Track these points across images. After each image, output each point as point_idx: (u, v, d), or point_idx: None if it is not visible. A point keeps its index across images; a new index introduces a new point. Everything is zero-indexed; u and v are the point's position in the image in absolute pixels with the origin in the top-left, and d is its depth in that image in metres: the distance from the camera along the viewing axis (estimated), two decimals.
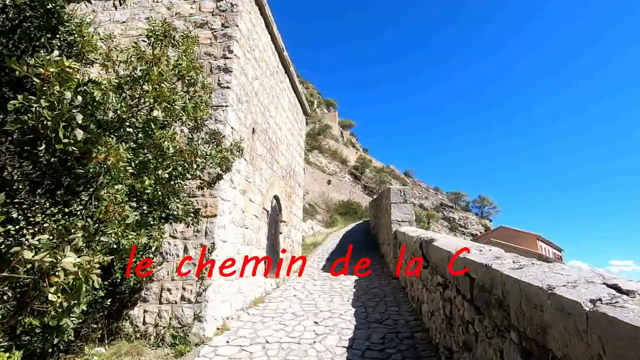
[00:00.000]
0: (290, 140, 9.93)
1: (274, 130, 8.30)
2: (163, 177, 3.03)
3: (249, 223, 6.45)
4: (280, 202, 8.59)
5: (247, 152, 6.44)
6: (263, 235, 7.25)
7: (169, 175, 3.11)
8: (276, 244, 8.16)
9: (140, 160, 2.92)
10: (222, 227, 5.29)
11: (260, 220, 7.11)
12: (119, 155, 2.06)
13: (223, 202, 5.38)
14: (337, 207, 31.12)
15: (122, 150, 2.07)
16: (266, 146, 7.63)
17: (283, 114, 9.18)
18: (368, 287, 7.77)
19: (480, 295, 2.74)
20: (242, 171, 6.15)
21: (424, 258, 5.26)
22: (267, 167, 7.62)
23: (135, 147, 2.94)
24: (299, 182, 10.83)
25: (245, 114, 6.45)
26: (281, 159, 8.84)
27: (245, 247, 6.23)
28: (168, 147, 2.94)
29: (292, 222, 9.68)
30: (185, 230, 5.16)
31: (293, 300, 6.82)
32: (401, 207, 8.87)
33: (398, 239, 8.22)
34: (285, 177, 9.14)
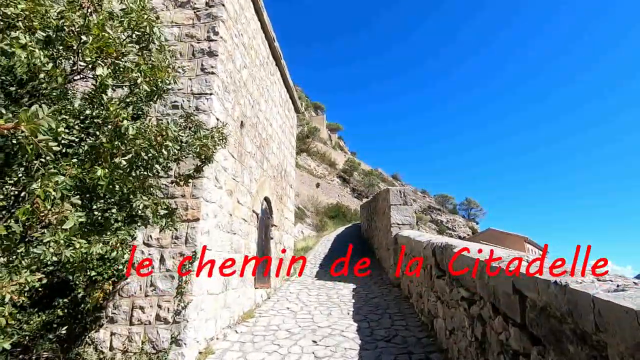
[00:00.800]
0: (282, 137, 9.23)
1: (264, 125, 7.59)
2: (122, 166, 2.30)
3: (237, 228, 5.72)
4: (271, 205, 7.87)
5: (234, 147, 5.72)
6: (253, 241, 6.52)
7: (129, 164, 2.38)
8: (267, 251, 7.43)
9: (91, 144, 2.20)
10: (205, 233, 4.55)
11: (250, 224, 6.38)
12: (35, 124, 1.34)
13: (207, 203, 4.64)
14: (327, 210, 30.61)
15: (43, 116, 1.35)
16: (256, 143, 6.91)
17: (274, 109, 8.48)
18: (368, 297, 7.11)
19: (542, 322, 2.11)
20: (228, 169, 5.43)
21: (437, 267, 4.63)
22: (257, 165, 6.90)
23: (82, 125, 2.23)
24: (290, 183, 10.13)
25: (233, 105, 5.73)
26: (272, 157, 8.13)
27: (233, 255, 5.49)
28: (127, 127, 2.22)
29: (283, 227, 8.96)
30: (162, 237, 4.40)
31: (287, 314, 6.10)
32: (401, 210, 8.26)
33: (399, 243, 7.60)
34: (276, 178, 8.43)
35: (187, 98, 5.00)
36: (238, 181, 5.83)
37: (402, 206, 8.29)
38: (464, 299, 3.53)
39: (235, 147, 5.74)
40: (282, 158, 9.21)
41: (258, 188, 6.90)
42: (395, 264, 7.97)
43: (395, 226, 8.17)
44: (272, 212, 7.93)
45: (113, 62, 2.45)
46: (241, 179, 5.98)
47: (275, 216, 8.08)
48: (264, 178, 7.33)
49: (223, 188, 5.19)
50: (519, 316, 2.37)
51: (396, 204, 8.31)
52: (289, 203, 9.85)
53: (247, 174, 6.32)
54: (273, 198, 8.00)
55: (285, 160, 9.60)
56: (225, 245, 5.18)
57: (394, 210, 8.26)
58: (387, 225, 8.84)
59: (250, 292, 6.26)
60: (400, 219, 8.19)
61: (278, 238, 8.34)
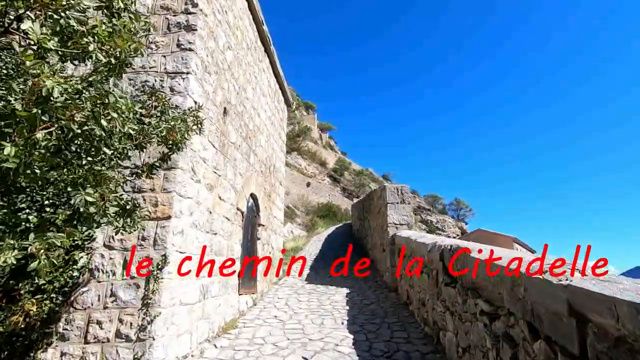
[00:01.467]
0: (271, 130, 8.58)
1: (251, 115, 6.94)
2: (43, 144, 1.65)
3: (219, 227, 5.06)
4: (258, 202, 7.22)
5: (216, 136, 5.06)
6: (237, 242, 5.87)
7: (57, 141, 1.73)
8: (253, 253, 6.78)
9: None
10: (179, 233, 3.90)
11: (234, 223, 5.73)
12: None
13: (181, 199, 3.98)
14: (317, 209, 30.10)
15: None
16: (241, 133, 6.26)
17: (262, 99, 7.83)
18: (363, 303, 6.52)
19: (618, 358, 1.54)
20: (208, 160, 4.77)
21: (446, 273, 4.06)
22: (242, 158, 6.25)
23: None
24: (280, 179, 9.48)
25: (215, 89, 5.08)
26: (259, 151, 7.48)
27: (214, 259, 4.84)
28: (51, 88, 1.57)
29: (272, 226, 8.32)
30: (126, 238, 3.73)
31: (274, 323, 5.46)
32: (399, 209, 7.71)
33: (397, 245, 7.04)
34: (264, 173, 7.78)
35: (161, 78, 4.33)
36: (220, 175, 5.18)
37: (399, 205, 7.73)
38: (484, 313, 2.96)
39: (217, 137, 5.09)
40: (271, 152, 8.57)
41: (243, 183, 6.25)
42: (392, 267, 7.41)
43: (392, 226, 7.61)
44: (259, 210, 7.28)
45: (50, 16, 1.80)
46: (224, 173, 5.32)
47: (262, 215, 7.44)
48: (250, 173, 6.68)
49: (202, 182, 4.53)
50: (576, 346, 1.80)
51: (393, 202, 7.75)
52: (278, 201, 9.21)
53: (231, 167, 5.67)
54: (260, 195, 7.36)
55: (275, 155, 8.96)
56: (203, 247, 4.53)
57: (391, 209, 7.70)
58: (383, 225, 8.27)
59: (233, 299, 5.61)
60: (397, 219, 7.64)
61: (265, 238, 7.70)
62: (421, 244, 5.07)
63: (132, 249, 3.70)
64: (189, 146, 4.14)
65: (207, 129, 4.73)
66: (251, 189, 6.70)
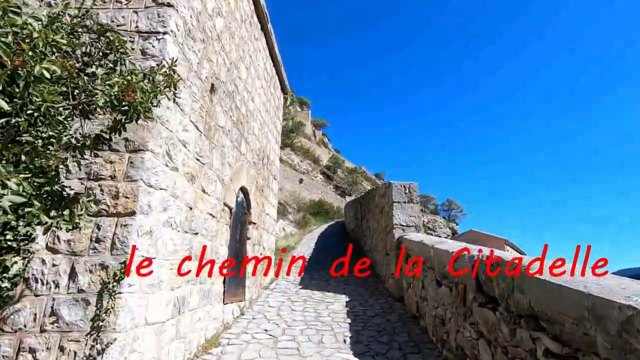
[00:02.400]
0: (265, 118, 7.72)
1: (244, 98, 6.09)
2: None
3: (201, 226, 4.22)
4: (249, 198, 6.38)
5: (199, 117, 4.21)
6: (223, 243, 5.03)
7: None
8: (242, 255, 5.95)
9: None
10: (146, 234, 3.05)
11: (220, 221, 4.89)
12: None
13: (150, 190, 3.13)
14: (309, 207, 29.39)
15: None
16: (232, 117, 5.41)
17: (257, 82, 6.97)
18: (366, 315, 5.74)
19: None
20: (189, 144, 3.92)
21: (480, 290, 3.29)
22: (232, 146, 5.40)
23: None
24: (274, 173, 8.64)
25: (200, 60, 4.22)
26: (252, 139, 6.63)
27: (194, 264, 4.00)
28: None
29: (264, 225, 7.49)
30: (75, 239, 2.87)
31: (264, 340, 4.64)
32: (406, 208, 6.94)
33: (406, 249, 6.26)
34: (257, 165, 6.93)
35: (131, 38, 3.45)
36: (204, 163, 4.33)
37: (406, 204, 6.96)
38: (551, 354, 2.19)
39: (201, 117, 4.23)
40: (265, 142, 7.72)
41: (232, 175, 5.40)
42: (398, 273, 6.64)
43: (399, 227, 6.83)
44: (250, 206, 6.44)
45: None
46: (209, 161, 4.47)
47: (254, 212, 6.60)
48: (241, 163, 5.83)
49: (180, 170, 3.68)
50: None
51: (400, 202, 6.97)
52: (272, 197, 8.37)
53: (218, 156, 4.81)
54: (252, 189, 6.52)
55: (269, 145, 8.11)
56: (180, 250, 3.68)
57: (397, 209, 6.92)
58: (386, 226, 7.50)
59: (217, 310, 4.78)
60: (404, 219, 6.86)
61: (257, 238, 6.86)
62: (441, 252, 4.29)
63: (83, 253, 2.84)
64: (162, 122, 3.29)
65: (188, 106, 3.88)
66: (241, 182, 5.85)
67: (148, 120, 3.11)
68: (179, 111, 3.67)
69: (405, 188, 7.07)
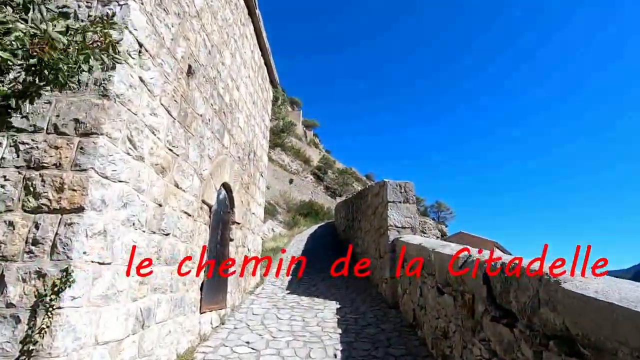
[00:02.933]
0: (252, 111, 7.21)
1: (228, 86, 5.57)
2: None
3: (172, 225, 3.69)
4: (232, 195, 5.86)
5: (173, 101, 3.69)
6: (201, 245, 4.51)
7: None
8: (223, 257, 5.42)
9: None
10: (97, 235, 2.52)
11: (197, 220, 4.37)
12: None
13: (105, 182, 2.61)
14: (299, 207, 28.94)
15: None
16: (213, 106, 4.89)
17: (243, 71, 6.46)
18: (359, 325, 5.27)
19: None
20: (160, 131, 3.40)
21: (492, 302, 2.85)
22: (212, 137, 4.88)
23: None
24: (261, 170, 8.12)
25: (175, 37, 3.70)
26: (237, 132, 6.11)
27: (162, 270, 3.47)
28: None
29: (249, 224, 6.97)
30: (6, 240, 2.33)
31: (244, 355, 4.13)
32: (401, 209, 6.50)
33: (403, 252, 5.82)
34: (242, 160, 6.41)
35: (88, 3, 2.93)
36: (178, 154, 3.80)
37: (402, 204, 6.53)
38: None
39: (175, 101, 3.71)
40: (252, 137, 7.20)
41: (213, 170, 4.88)
42: (392, 278, 6.19)
43: (394, 229, 6.39)
44: (233, 205, 5.92)
45: None
46: (184, 152, 3.95)
47: (238, 211, 6.08)
48: (223, 157, 5.31)
49: (146, 160, 3.16)
50: None
51: (395, 201, 6.53)
52: (258, 195, 7.85)
53: (196, 147, 4.29)
54: (236, 186, 6.00)
55: (256, 140, 7.59)
56: (146, 253, 3.16)
57: (392, 209, 6.48)
58: (380, 227, 7.05)
59: (191, 321, 4.25)
60: (399, 220, 6.42)
61: (240, 239, 6.34)
62: (444, 256, 3.85)
63: (16, 258, 2.31)
64: (122, 102, 2.76)
65: (158, 87, 3.36)
66: (224, 178, 5.33)
67: (104, 98, 2.60)
68: (146, 91, 3.15)
69: (400, 187, 6.63)
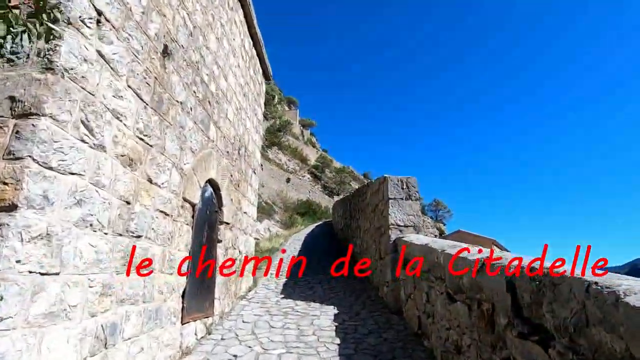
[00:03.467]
0: (243, 103, 6.73)
1: (214, 74, 5.09)
2: None
3: (144, 226, 3.22)
4: (220, 193, 5.38)
5: (144, 83, 3.21)
6: (182, 248, 4.03)
7: None
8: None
9: None
10: (38, 239, 2.04)
11: (177, 221, 3.89)
12: None
13: (49, 174, 2.13)
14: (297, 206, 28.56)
15: None
16: (196, 94, 4.42)
17: (232, 59, 5.98)
18: (359, 333, 4.82)
19: None
20: (127, 117, 2.92)
21: (517, 314, 2.39)
22: (195, 128, 4.40)
23: None
24: (253, 166, 7.64)
25: (146, 10, 3.22)
26: (225, 125, 5.64)
27: (129, 279, 3.00)
28: None
29: (240, 225, 6.50)
30: None
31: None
32: (403, 206, 6.05)
33: (405, 253, 5.37)
34: (231, 156, 5.94)
35: None
36: (151, 145, 3.33)
37: (404, 201, 6.08)
38: None
39: (146, 84, 3.24)
40: (243, 131, 6.72)
41: (196, 164, 4.41)
42: (394, 281, 5.74)
43: (395, 228, 5.94)
44: (222, 203, 5.45)
45: None
46: (159, 143, 3.48)
47: (227, 210, 5.61)
48: (209, 151, 4.84)
49: (108, 150, 2.68)
50: None
51: (397, 198, 6.08)
52: (250, 193, 7.38)
53: (174, 138, 3.82)
54: (224, 183, 5.53)
55: (248, 135, 7.12)
56: (108, 260, 2.69)
57: (394, 207, 6.03)
58: (380, 226, 6.60)
59: (171, 333, 3.78)
60: (401, 218, 5.97)
61: (231, 241, 5.87)
62: (461, 260, 3.40)
63: None
64: (74, 79, 2.29)
65: (125, 66, 2.88)
66: (209, 174, 4.86)
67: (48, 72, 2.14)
68: (108, 69, 2.68)
69: (402, 183, 6.18)
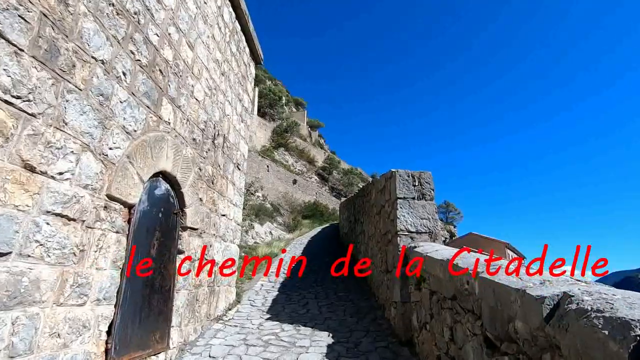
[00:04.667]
0: (220, 84, 5.60)
1: (171, 37, 3.97)
2: None
3: (15, 240, 2.09)
4: (182, 190, 4.25)
5: (15, 19, 2.08)
6: (104, 265, 2.90)
7: None
8: (165, 278, 3.82)
9: None
10: None
11: (95, 228, 2.76)
12: None
13: None
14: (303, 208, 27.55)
15: None
16: (136, 55, 3.29)
17: (201, 26, 4.86)
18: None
19: None
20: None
21: None
22: (135, 102, 3.27)
23: None
24: (237, 161, 6.50)
25: None
26: (191, 106, 4.52)
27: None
28: None
29: (216, 230, 5.36)
30: None
31: None
32: (415, 207, 4.83)
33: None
34: (199, 145, 4.81)
35: None
36: (31, 113, 2.19)
37: (416, 201, 4.86)
38: None
39: (25, 21, 2.11)
40: (220, 116, 5.59)
41: (135, 150, 3.28)
42: (403, 303, 4.52)
43: (405, 235, 4.72)
44: (184, 203, 4.31)
45: None
46: (52, 113, 2.35)
47: (192, 212, 4.48)
48: (159, 134, 3.71)
49: None
50: None
51: (407, 198, 4.86)
52: (232, 192, 6.23)
53: (90, 109, 2.69)
54: (188, 178, 4.39)
55: (228, 122, 5.98)
56: None
57: (403, 208, 4.81)
58: (387, 232, 5.39)
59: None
60: (413, 222, 4.75)
61: (198, 251, 4.73)
62: (502, 289, 2.18)
63: None
64: None
65: None
66: (160, 165, 3.72)
67: None
68: None
69: (413, 179, 4.96)
